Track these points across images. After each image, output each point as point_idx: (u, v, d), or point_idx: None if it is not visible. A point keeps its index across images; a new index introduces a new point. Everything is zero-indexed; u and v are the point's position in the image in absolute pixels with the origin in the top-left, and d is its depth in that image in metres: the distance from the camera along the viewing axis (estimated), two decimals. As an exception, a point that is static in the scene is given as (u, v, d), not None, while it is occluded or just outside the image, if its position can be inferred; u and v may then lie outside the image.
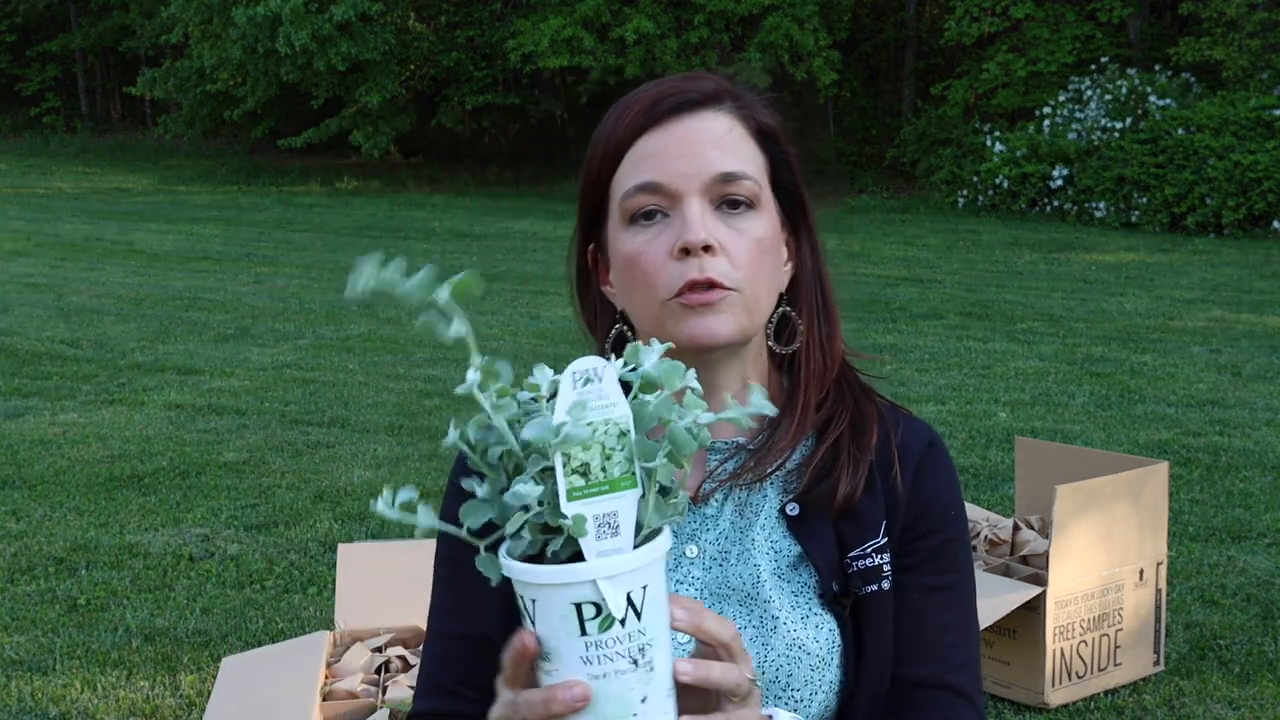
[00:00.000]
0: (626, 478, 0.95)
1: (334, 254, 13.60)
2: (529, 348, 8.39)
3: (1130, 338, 8.94)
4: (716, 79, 1.29)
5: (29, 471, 5.91)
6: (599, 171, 1.28)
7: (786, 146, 1.31)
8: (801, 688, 1.23)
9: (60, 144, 27.31)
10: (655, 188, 1.23)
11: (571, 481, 0.94)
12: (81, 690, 3.75)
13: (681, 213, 1.22)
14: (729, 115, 1.27)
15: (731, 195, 1.24)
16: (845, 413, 1.31)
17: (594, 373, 0.96)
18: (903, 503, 1.29)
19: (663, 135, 1.24)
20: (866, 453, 1.29)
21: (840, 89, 20.37)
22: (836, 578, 1.26)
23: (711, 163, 1.23)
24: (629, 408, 0.96)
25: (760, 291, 1.25)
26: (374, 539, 4.88)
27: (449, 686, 1.30)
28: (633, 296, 1.27)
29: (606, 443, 0.95)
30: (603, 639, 0.94)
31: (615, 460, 0.95)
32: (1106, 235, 15.04)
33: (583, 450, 0.94)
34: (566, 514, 0.93)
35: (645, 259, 1.23)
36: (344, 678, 2.83)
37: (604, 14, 18.91)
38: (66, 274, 12.10)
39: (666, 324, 1.23)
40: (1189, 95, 16.71)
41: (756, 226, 1.25)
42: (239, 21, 19.31)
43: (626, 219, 1.25)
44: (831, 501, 1.27)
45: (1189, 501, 5.32)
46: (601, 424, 0.95)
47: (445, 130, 22.91)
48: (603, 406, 0.95)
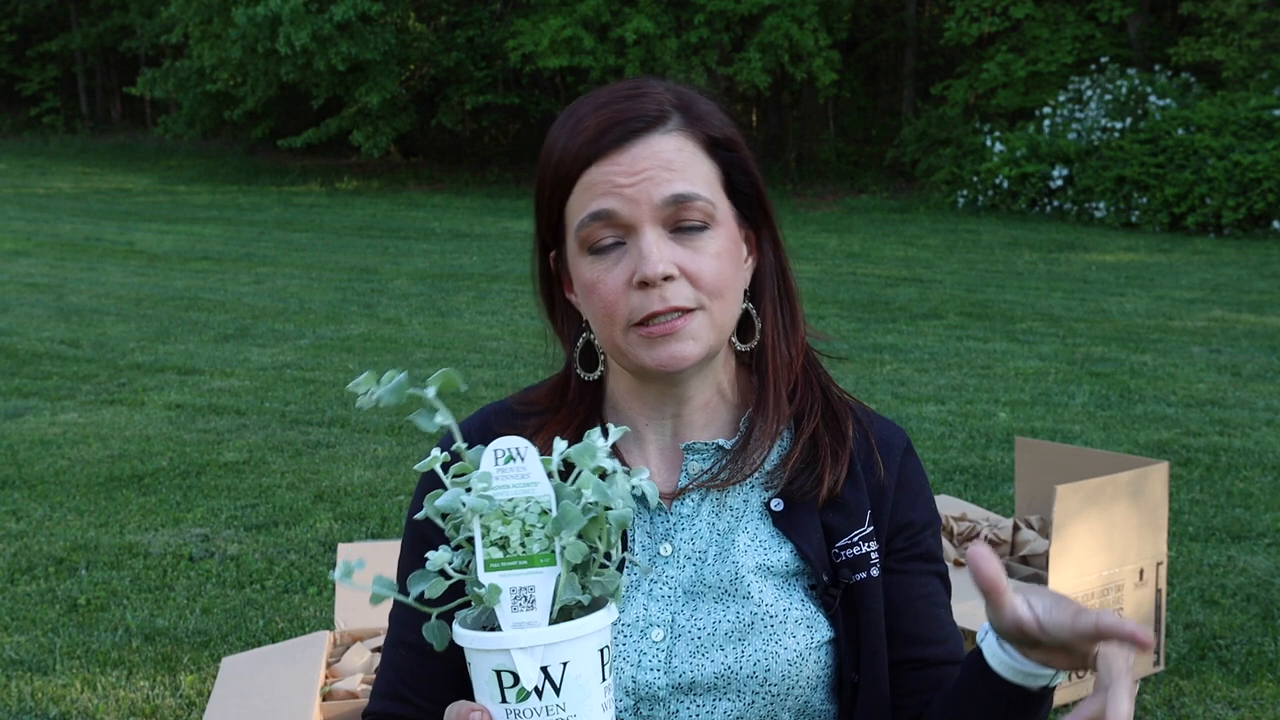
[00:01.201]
0: (546, 555, 0.98)
1: (334, 254, 13.60)
2: (529, 348, 8.39)
3: (1130, 338, 8.94)
4: (662, 94, 1.27)
5: (29, 471, 5.91)
6: (550, 194, 1.28)
7: (739, 150, 1.30)
8: (779, 682, 1.25)
9: (60, 144, 27.32)
10: (609, 216, 1.23)
11: (490, 553, 0.98)
12: (81, 690, 3.75)
13: (638, 243, 1.22)
14: (677, 134, 1.25)
15: (685, 220, 1.24)
16: (817, 404, 1.34)
17: (516, 451, 0.99)
18: (891, 493, 1.32)
19: (611, 164, 1.23)
20: (845, 443, 1.32)
21: (840, 89, 20.36)
22: (826, 569, 1.28)
23: (662, 187, 1.23)
24: (550, 487, 0.99)
25: (724, 305, 1.26)
26: (374, 539, 4.88)
27: (403, 693, 1.34)
28: (595, 321, 1.28)
29: (527, 519, 0.98)
30: (520, 708, 0.98)
31: (535, 537, 0.98)
32: (1106, 235, 15.04)
33: (503, 524, 0.98)
34: (483, 583, 0.97)
35: (604, 289, 1.24)
36: (344, 678, 2.83)
37: (604, 14, 18.91)
38: (66, 274, 12.11)
39: (630, 351, 1.25)
40: (1189, 95, 16.71)
41: (714, 243, 1.25)
42: (239, 21, 19.31)
43: (583, 248, 1.25)
44: (816, 494, 1.29)
45: (1189, 501, 5.32)
46: (522, 501, 0.98)
47: (445, 130, 22.92)
48: (524, 484, 0.99)
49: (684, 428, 1.33)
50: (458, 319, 9.81)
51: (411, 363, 8.19)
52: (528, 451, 0.99)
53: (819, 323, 9.34)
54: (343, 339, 9.03)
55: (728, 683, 1.25)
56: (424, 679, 1.32)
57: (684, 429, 1.33)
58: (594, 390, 1.35)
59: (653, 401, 1.32)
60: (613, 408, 1.35)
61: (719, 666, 1.25)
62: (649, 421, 1.33)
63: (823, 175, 20.58)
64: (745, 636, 1.25)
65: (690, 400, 1.31)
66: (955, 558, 3.72)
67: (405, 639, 1.34)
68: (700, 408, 1.32)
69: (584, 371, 1.34)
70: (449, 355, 8.39)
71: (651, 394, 1.31)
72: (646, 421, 1.33)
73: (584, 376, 1.34)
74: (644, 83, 1.29)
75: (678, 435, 1.33)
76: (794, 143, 21.59)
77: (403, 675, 1.34)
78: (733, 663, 1.25)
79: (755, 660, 1.25)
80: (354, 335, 9.15)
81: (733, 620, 1.26)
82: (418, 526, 1.33)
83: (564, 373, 1.37)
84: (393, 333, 9.22)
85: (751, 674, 1.25)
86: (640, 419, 1.33)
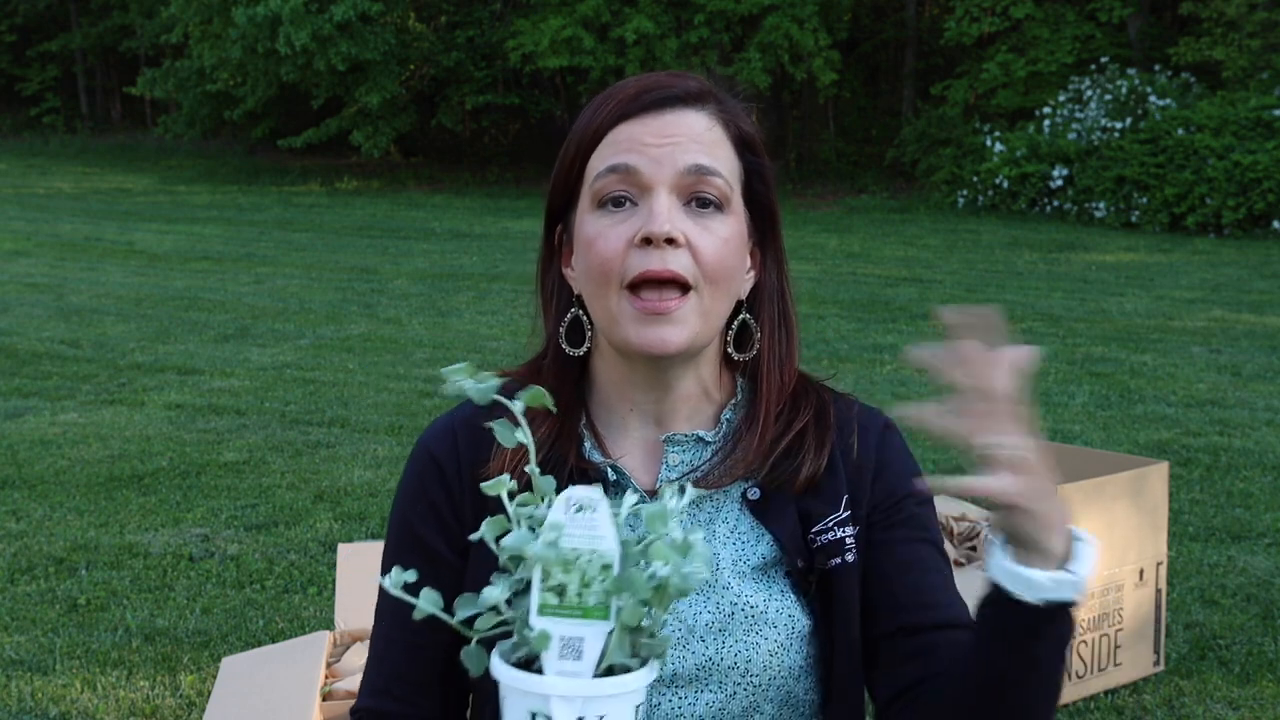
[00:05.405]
0: (600, 609, 0.98)
1: (334, 254, 13.60)
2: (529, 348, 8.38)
3: (1130, 338, 8.94)
4: (702, 81, 1.29)
5: (29, 471, 5.91)
6: (575, 154, 1.29)
7: (764, 158, 1.31)
8: (760, 672, 1.25)
9: (60, 144, 27.32)
10: (627, 170, 1.23)
11: (545, 598, 0.98)
12: (81, 690, 3.75)
13: (649, 203, 1.23)
14: (710, 116, 1.27)
15: (702, 192, 1.24)
16: (809, 407, 1.34)
17: (589, 502, 0.99)
18: (870, 471, 1.32)
19: (641, 125, 1.25)
20: (829, 431, 1.32)
21: (840, 89, 20.36)
22: (801, 555, 1.28)
23: (687, 155, 1.24)
24: (617, 544, 0.99)
25: (718, 293, 1.26)
26: (374, 539, 4.88)
27: (392, 689, 1.34)
28: (589, 280, 1.27)
29: (588, 571, 0.98)
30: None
31: (593, 590, 0.98)
32: (1106, 235, 15.04)
33: (563, 571, 0.98)
34: (534, 626, 0.97)
35: (606, 242, 1.23)
36: (344, 678, 2.83)
37: (604, 14, 18.91)
38: (66, 274, 12.11)
39: (620, 321, 1.24)
40: (1189, 95, 16.71)
41: (723, 227, 1.25)
42: (239, 21, 19.31)
43: (595, 202, 1.25)
44: (794, 482, 1.29)
45: (1189, 501, 5.32)
46: (587, 552, 0.98)
47: (445, 130, 22.91)
48: (590, 536, 0.99)
49: (666, 418, 1.32)
50: (458, 319, 9.81)
51: (412, 363, 8.19)
52: (600, 505, 0.99)
53: (819, 322, 9.35)
54: (343, 339, 9.03)
55: (709, 674, 1.25)
56: (414, 674, 1.32)
57: (666, 419, 1.32)
58: (574, 372, 1.34)
59: (637, 387, 1.31)
60: (596, 392, 1.34)
61: (700, 658, 1.25)
62: (632, 409, 1.32)
63: (823, 175, 20.58)
64: (726, 628, 1.25)
65: (673, 390, 1.31)
66: (955, 558, 3.72)
67: (394, 634, 1.34)
68: (683, 399, 1.32)
69: (570, 347, 1.32)
70: (449, 355, 8.39)
71: (636, 379, 1.30)
72: (629, 409, 1.32)
73: (569, 351, 1.32)
74: (688, 72, 1.32)
75: (660, 426, 1.32)
76: (794, 143, 21.58)
77: (392, 671, 1.34)
78: (714, 654, 1.25)
79: (736, 651, 1.25)
80: (354, 335, 9.15)
81: (713, 612, 1.26)
82: (409, 526, 1.33)
83: (541, 352, 1.37)
84: (393, 333, 9.22)
85: (733, 665, 1.25)
86: (624, 405, 1.32)
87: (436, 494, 1.33)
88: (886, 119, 21.52)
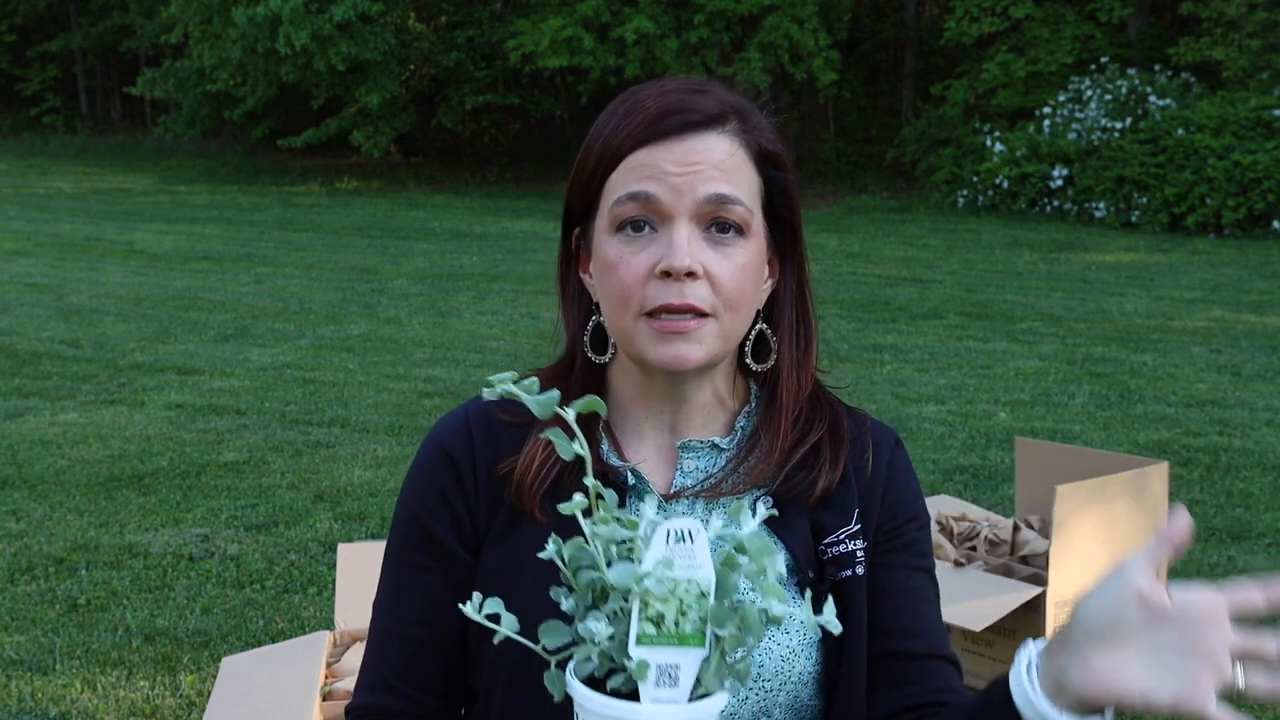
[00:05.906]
0: (696, 636, 0.99)
1: (334, 254, 13.60)
2: (529, 348, 8.39)
3: (1130, 338, 8.94)
4: (723, 96, 1.28)
5: (29, 471, 5.91)
6: (593, 171, 1.28)
7: (786, 172, 1.31)
8: (771, 678, 1.26)
9: (60, 144, 27.33)
10: (647, 198, 1.23)
11: (644, 628, 0.99)
12: (81, 690, 3.75)
13: (669, 233, 1.23)
14: (732, 138, 1.26)
15: (721, 219, 1.24)
16: (823, 419, 1.35)
17: (688, 533, 1.00)
18: (880, 488, 1.34)
19: (663, 150, 1.24)
20: (843, 445, 1.33)
21: (840, 89, 20.37)
22: (812, 566, 1.29)
23: (707, 185, 1.23)
24: (714, 572, 1.01)
25: (739, 318, 1.27)
26: (374, 539, 4.88)
27: (395, 685, 1.33)
28: (607, 300, 1.28)
29: (685, 599, 0.99)
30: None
31: (690, 618, 0.99)
32: (1106, 235, 15.04)
33: (661, 601, 0.99)
34: (633, 656, 0.98)
35: (625, 270, 1.24)
36: (344, 678, 2.83)
37: (604, 14, 18.91)
38: (66, 274, 12.11)
39: (637, 340, 1.25)
40: (1189, 95, 16.71)
41: (742, 253, 1.25)
42: (239, 21, 19.31)
43: (614, 225, 1.25)
44: (809, 495, 1.30)
45: (1189, 501, 5.32)
46: (684, 581, 0.99)
47: (445, 130, 22.92)
48: (689, 566, 1.00)
49: (681, 426, 1.34)
50: (458, 319, 9.81)
51: (412, 363, 8.19)
52: (698, 535, 1.00)
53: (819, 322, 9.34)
54: (343, 339, 9.03)
55: None
56: (418, 670, 1.32)
57: (681, 427, 1.34)
58: (599, 379, 1.35)
59: (653, 397, 1.33)
60: (612, 398, 1.36)
61: None
62: (647, 416, 1.34)
63: (823, 175, 20.58)
64: None
65: (689, 401, 1.32)
66: (955, 558, 3.72)
67: (395, 630, 1.34)
68: (698, 409, 1.33)
69: (594, 354, 1.34)
70: (449, 355, 8.39)
71: (653, 390, 1.32)
72: (645, 415, 1.34)
73: (594, 359, 1.34)
74: (709, 82, 1.30)
75: (675, 433, 1.34)
76: (794, 143, 21.57)
77: (395, 667, 1.33)
78: None
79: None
80: (354, 335, 9.15)
81: None
82: (418, 520, 1.33)
83: (568, 356, 1.37)
84: (393, 333, 9.22)
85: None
86: (640, 412, 1.34)
87: (450, 489, 1.32)
88: (886, 119, 21.53)
